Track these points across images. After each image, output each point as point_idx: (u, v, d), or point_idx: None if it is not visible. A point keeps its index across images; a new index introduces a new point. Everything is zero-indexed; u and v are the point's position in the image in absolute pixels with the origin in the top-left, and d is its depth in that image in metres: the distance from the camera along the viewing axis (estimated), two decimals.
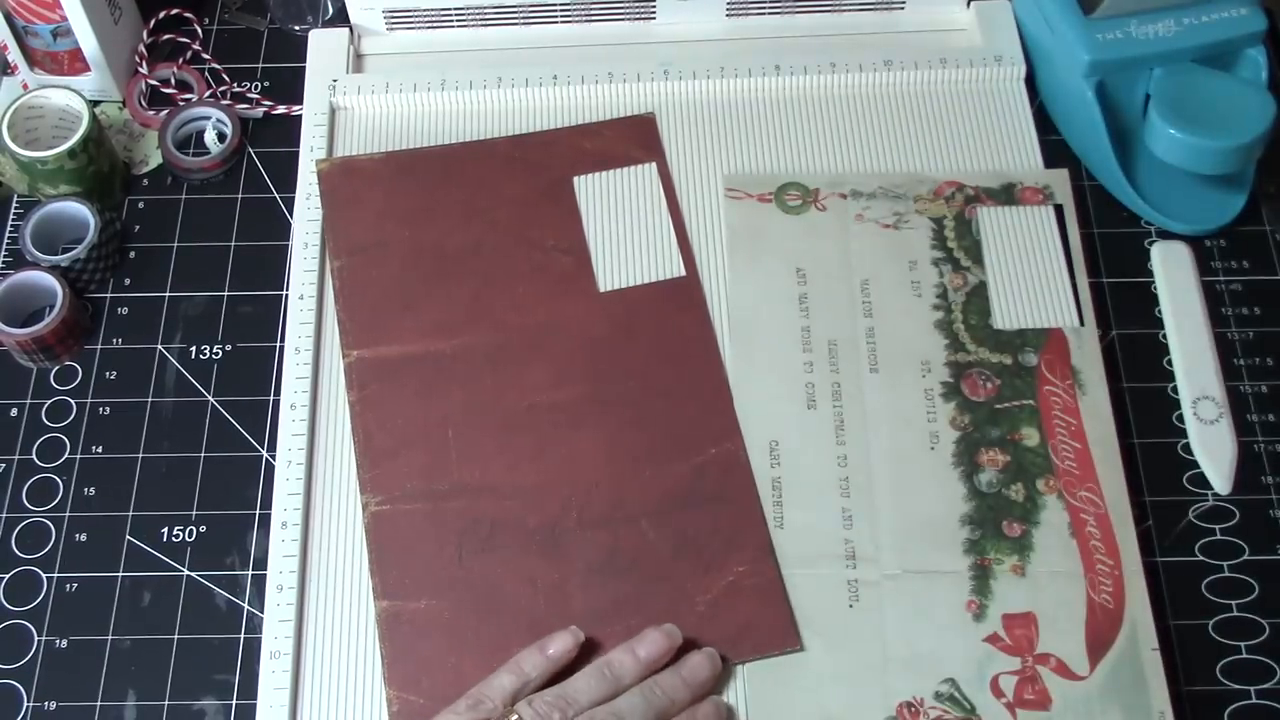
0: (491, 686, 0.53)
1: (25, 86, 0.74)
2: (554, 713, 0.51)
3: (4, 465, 0.64)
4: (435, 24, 0.75)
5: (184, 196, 0.72)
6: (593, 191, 0.69)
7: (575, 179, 0.69)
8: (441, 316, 0.65)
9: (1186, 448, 0.64)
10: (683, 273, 0.67)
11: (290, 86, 0.74)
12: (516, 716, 0.51)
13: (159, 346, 0.67)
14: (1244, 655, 0.59)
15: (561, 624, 0.56)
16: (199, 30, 0.77)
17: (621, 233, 0.68)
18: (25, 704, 0.58)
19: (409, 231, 0.67)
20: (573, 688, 0.53)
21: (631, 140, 0.71)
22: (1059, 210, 0.68)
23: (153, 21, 0.76)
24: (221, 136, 0.73)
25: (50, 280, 0.66)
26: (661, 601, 0.58)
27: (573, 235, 0.67)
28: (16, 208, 0.71)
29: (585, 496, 0.60)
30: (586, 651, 0.56)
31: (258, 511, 0.62)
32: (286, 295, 0.68)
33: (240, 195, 0.71)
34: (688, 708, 0.54)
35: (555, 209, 0.68)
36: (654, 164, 0.70)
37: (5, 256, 0.69)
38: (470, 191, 0.69)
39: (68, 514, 0.62)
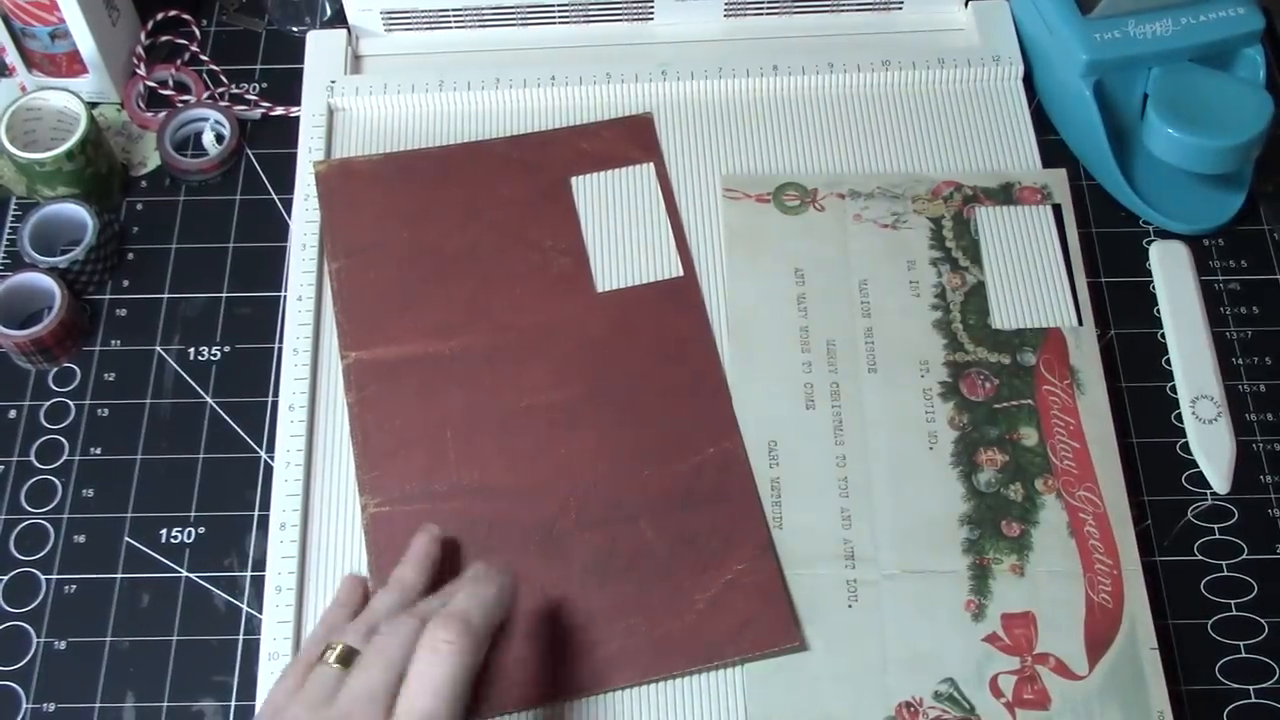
0: (305, 652, 0.52)
1: (23, 88, 0.73)
2: (360, 627, 0.51)
3: (3, 467, 0.64)
4: (433, 25, 0.75)
5: (182, 198, 0.72)
6: (590, 192, 0.69)
7: (573, 179, 0.69)
8: (440, 317, 0.65)
9: (1185, 447, 0.64)
10: (681, 273, 0.66)
11: (288, 88, 0.74)
12: (332, 650, 0.50)
13: (157, 348, 0.67)
14: (1243, 654, 0.59)
15: (560, 625, 0.56)
16: (197, 32, 0.77)
17: (619, 233, 0.68)
18: (24, 705, 0.58)
19: (407, 233, 0.67)
20: (368, 609, 0.53)
21: (629, 140, 0.71)
22: (1057, 210, 0.68)
23: (150, 23, 0.76)
24: (220, 138, 0.73)
25: (48, 282, 0.66)
26: (660, 600, 0.58)
27: (571, 236, 0.67)
28: (15, 209, 0.71)
29: (583, 497, 0.60)
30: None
31: (256, 513, 0.62)
32: (285, 296, 0.68)
33: (238, 196, 0.71)
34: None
35: (553, 209, 0.68)
36: (651, 164, 0.70)
37: (3, 258, 0.69)
38: (468, 192, 0.69)
39: (66, 516, 0.62)
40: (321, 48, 0.74)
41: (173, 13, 0.77)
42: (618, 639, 0.57)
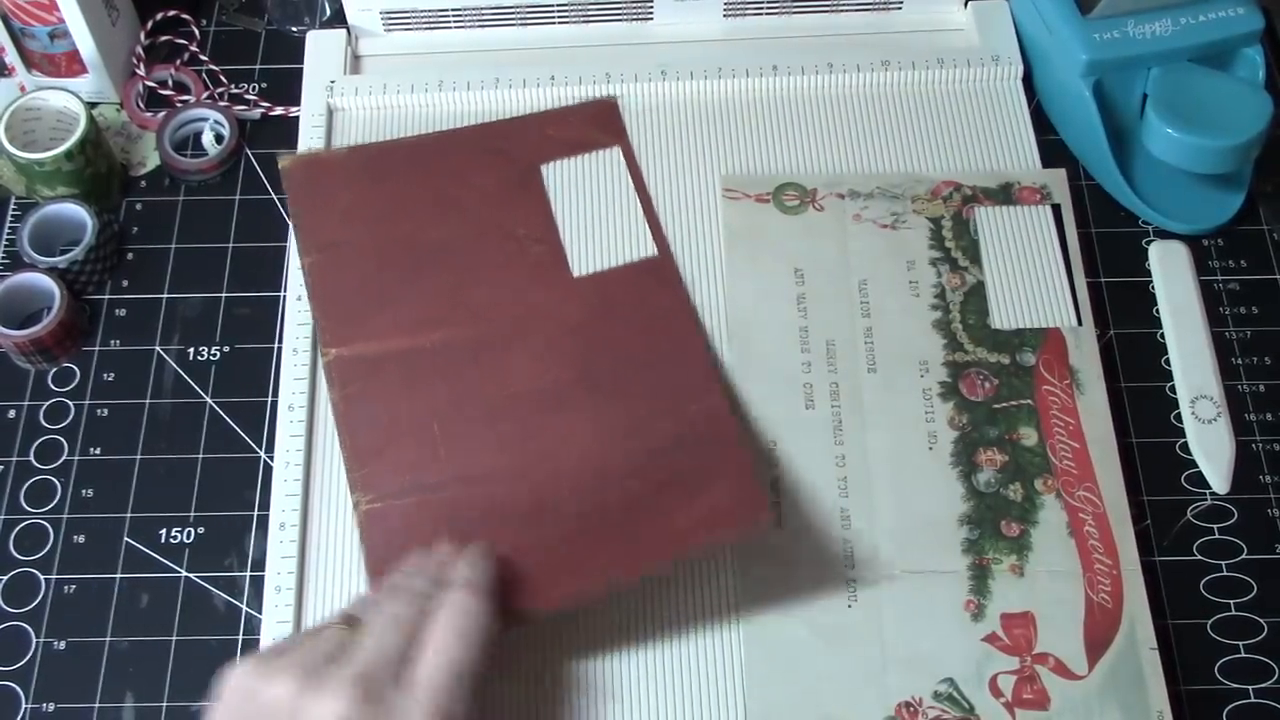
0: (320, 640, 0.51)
1: (23, 88, 0.74)
2: (364, 604, 0.51)
3: (2, 467, 0.64)
4: (433, 25, 0.75)
5: (181, 198, 0.72)
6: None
7: (543, 167, 0.69)
8: (418, 311, 0.65)
9: (1185, 447, 0.64)
10: (654, 252, 0.67)
11: (288, 88, 0.74)
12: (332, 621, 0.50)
13: (157, 348, 0.67)
14: (1242, 654, 0.59)
15: (544, 540, 0.57)
16: (196, 32, 0.77)
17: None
18: (23, 705, 0.58)
19: (380, 225, 0.67)
20: (364, 595, 0.53)
21: (594, 125, 0.70)
22: (1057, 210, 0.68)
23: (150, 23, 0.76)
24: (219, 138, 0.73)
25: (48, 282, 0.66)
26: (645, 529, 0.57)
27: (544, 223, 0.67)
28: (14, 209, 0.71)
29: (574, 480, 0.60)
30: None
31: (256, 513, 0.62)
32: (284, 296, 0.68)
33: (238, 196, 0.71)
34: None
35: (524, 197, 0.68)
36: (618, 147, 0.70)
37: (3, 258, 0.69)
38: (439, 182, 0.68)
39: (66, 516, 0.62)
40: (321, 48, 0.74)
41: (172, 13, 0.77)
42: (595, 552, 0.57)
